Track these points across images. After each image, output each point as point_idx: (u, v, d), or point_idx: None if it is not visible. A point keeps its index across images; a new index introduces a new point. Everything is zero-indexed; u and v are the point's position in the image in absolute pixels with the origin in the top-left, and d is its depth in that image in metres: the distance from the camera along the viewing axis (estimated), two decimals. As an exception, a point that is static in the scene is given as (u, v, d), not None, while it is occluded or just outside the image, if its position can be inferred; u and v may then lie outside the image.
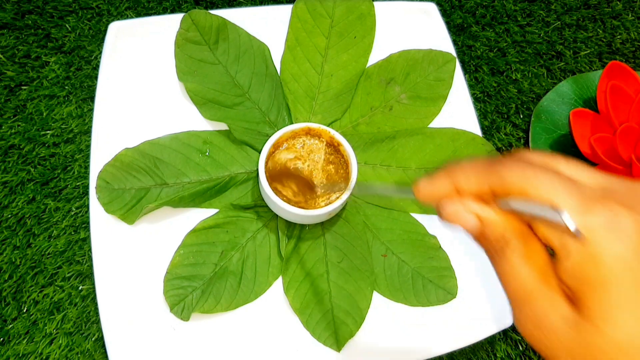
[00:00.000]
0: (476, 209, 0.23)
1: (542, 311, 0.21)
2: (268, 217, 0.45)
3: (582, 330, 0.20)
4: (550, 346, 0.21)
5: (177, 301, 0.42)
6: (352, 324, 0.43)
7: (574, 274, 0.20)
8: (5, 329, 0.45)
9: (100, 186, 0.43)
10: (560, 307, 0.21)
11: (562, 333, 0.20)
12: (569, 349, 0.20)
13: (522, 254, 0.22)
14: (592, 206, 0.20)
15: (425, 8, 0.52)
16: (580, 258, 0.20)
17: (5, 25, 0.53)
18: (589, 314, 0.20)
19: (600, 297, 0.20)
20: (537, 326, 0.21)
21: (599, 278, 0.20)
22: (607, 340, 0.19)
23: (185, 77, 0.46)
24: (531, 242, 0.22)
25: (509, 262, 0.22)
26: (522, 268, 0.22)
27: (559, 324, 0.21)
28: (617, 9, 0.62)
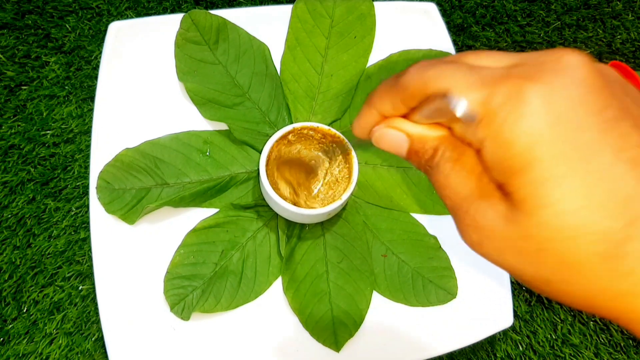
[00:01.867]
0: (401, 125, 0.22)
1: (479, 214, 0.20)
2: (268, 216, 0.45)
3: (517, 222, 0.18)
4: (494, 249, 0.20)
5: (178, 301, 0.42)
6: (351, 324, 0.43)
7: (495, 166, 0.19)
8: (5, 329, 0.45)
9: (101, 186, 0.43)
10: (496, 206, 0.19)
11: (501, 231, 0.19)
12: (512, 247, 0.19)
13: (451, 160, 0.21)
14: (491, 87, 0.18)
15: (425, 8, 0.52)
16: (493, 146, 0.19)
17: (5, 25, 0.53)
18: (518, 204, 0.18)
19: (521, 180, 0.18)
20: (478, 231, 0.20)
21: (516, 161, 0.18)
22: (542, 225, 0.18)
23: (185, 77, 0.46)
24: (459, 147, 0.21)
25: (441, 172, 0.21)
26: (454, 175, 0.21)
27: (497, 223, 0.19)
28: (617, 9, 0.62)
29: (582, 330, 0.51)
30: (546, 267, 0.18)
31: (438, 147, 0.21)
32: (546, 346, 0.50)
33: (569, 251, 0.18)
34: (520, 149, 0.18)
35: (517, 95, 0.18)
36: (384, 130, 0.23)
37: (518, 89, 0.18)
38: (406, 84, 0.21)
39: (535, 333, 0.50)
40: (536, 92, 0.18)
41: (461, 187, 0.21)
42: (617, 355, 0.50)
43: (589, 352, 0.50)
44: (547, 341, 0.50)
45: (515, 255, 0.19)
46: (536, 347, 0.50)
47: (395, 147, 0.23)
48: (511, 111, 0.18)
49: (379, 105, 0.23)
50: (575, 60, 0.18)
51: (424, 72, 0.20)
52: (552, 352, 0.50)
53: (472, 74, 0.19)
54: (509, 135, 0.18)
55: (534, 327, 0.50)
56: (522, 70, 0.19)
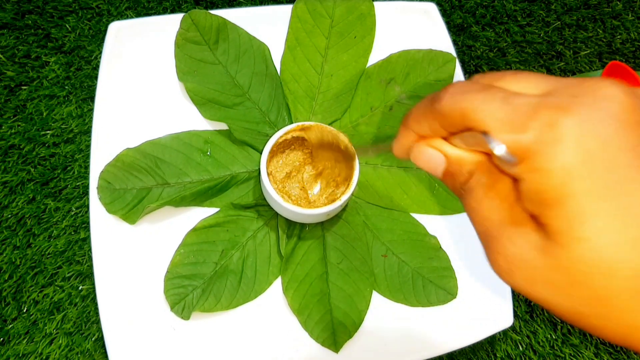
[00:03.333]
0: (440, 146, 0.22)
1: (511, 243, 0.20)
2: (268, 215, 0.45)
3: (551, 253, 0.19)
4: (525, 279, 0.20)
5: (178, 300, 0.42)
6: (350, 325, 0.43)
7: (531, 197, 0.19)
8: (5, 329, 0.45)
9: (102, 186, 0.43)
10: (529, 236, 0.19)
11: (533, 262, 0.19)
12: (543, 277, 0.19)
13: (486, 187, 0.21)
14: (525, 122, 0.18)
15: (425, 8, 0.52)
16: (530, 179, 0.19)
17: (5, 25, 0.53)
18: (553, 235, 0.18)
19: (558, 214, 0.18)
20: (509, 260, 0.20)
21: (553, 195, 0.18)
22: (576, 258, 0.18)
23: (185, 77, 0.46)
24: (495, 175, 0.21)
25: (474, 197, 0.21)
26: (487, 202, 0.21)
27: (529, 253, 0.19)
28: (617, 9, 0.62)
29: (582, 331, 0.51)
30: (580, 301, 0.19)
31: (474, 171, 0.21)
32: (546, 346, 0.50)
33: (604, 286, 0.18)
34: (555, 182, 0.18)
35: (551, 129, 0.18)
36: (423, 148, 0.23)
37: (553, 123, 0.18)
38: (443, 111, 0.21)
39: (535, 333, 0.50)
40: (571, 126, 0.18)
41: (494, 214, 0.21)
42: (617, 355, 0.50)
43: (589, 352, 0.50)
44: (547, 341, 0.50)
45: (547, 287, 0.19)
46: (536, 347, 0.50)
47: (431, 166, 0.23)
48: (546, 146, 0.18)
49: (416, 127, 0.23)
50: (611, 93, 0.18)
51: (459, 102, 0.20)
52: (552, 352, 0.50)
53: (505, 107, 0.19)
54: (545, 169, 0.18)
55: (534, 327, 0.50)
56: (557, 101, 0.19)
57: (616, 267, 0.17)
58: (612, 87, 0.19)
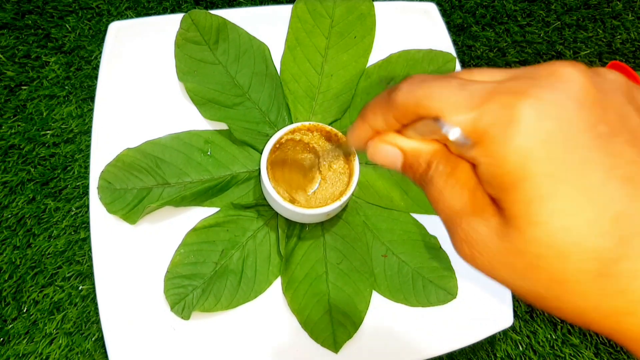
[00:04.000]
0: (394, 140, 0.22)
1: (472, 228, 0.20)
2: (268, 215, 0.45)
3: (510, 238, 0.18)
4: (487, 263, 0.20)
5: (178, 300, 0.42)
6: (350, 325, 0.43)
7: (489, 181, 0.19)
8: (5, 329, 0.45)
9: (102, 186, 0.43)
10: (488, 221, 0.19)
11: (494, 246, 0.19)
12: (504, 262, 0.19)
13: (445, 175, 0.21)
14: (481, 106, 0.18)
15: (425, 8, 0.52)
16: (486, 163, 0.19)
17: (5, 25, 0.53)
18: (511, 220, 0.18)
19: (513, 197, 0.18)
20: (471, 245, 0.20)
21: (509, 178, 0.18)
22: (532, 242, 0.18)
23: (185, 77, 0.46)
24: (453, 162, 0.21)
25: (435, 186, 0.21)
26: (448, 189, 0.21)
27: (489, 238, 0.19)
28: (617, 9, 0.62)
29: (582, 330, 0.51)
30: (538, 284, 0.19)
31: (431, 161, 0.21)
32: (546, 346, 0.50)
33: (560, 269, 0.18)
34: (512, 166, 0.18)
35: (507, 112, 0.18)
36: (378, 145, 0.23)
37: (508, 105, 0.18)
38: (397, 102, 0.21)
39: (535, 333, 0.50)
40: (527, 108, 0.17)
41: (455, 201, 0.20)
42: (617, 355, 0.50)
43: (589, 352, 0.50)
44: (547, 341, 0.50)
45: (508, 270, 0.19)
46: (536, 347, 0.50)
47: (389, 162, 0.23)
48: (502, 129, 0.18)
49: (371, 120, 0.23)
50: (569, 73, 0.18)
51: (415, 91, 0.20)
52: (552, 352, 0.50)
53: (461, 92, 0.19)
54: (501, 152, 0.18)
55: (534, 327, 0.50)
56: (514, 84, 0.18)
57: (570, 250, 0.17)
58: (570, 68, 0.19)
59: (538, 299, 0.19)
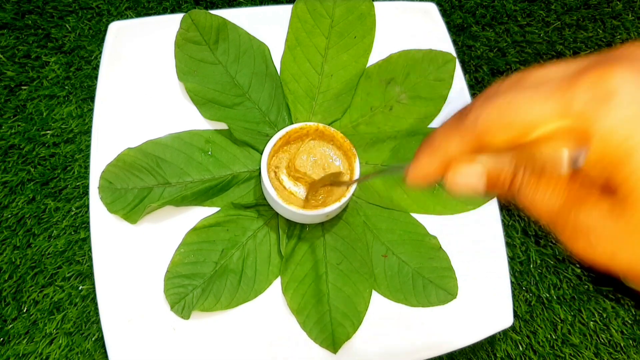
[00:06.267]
0: (476, 165, 0.21)
1: (582, 217, 0.19)
2: (269, 215, 0.45)
3: (629, 214, 0.17)
4: (607, 250, 0.18)
5: (178, 300, 0.42)
6: (349, 326, 0.43)
7: (595, 164, 0.18)
8: (5, 329, 0.45)
9: (103, 186, 0.43)
10: (598, 205, 0.19)
11: (611, 229, 0.18)
12: (626, 242, 0.18)
13: (533, 182, 0.20)
14: (570, 94, 0.17)
15: (425, 8, 0.52)
16: (593, 149, 0.18)
17: (5, 25, 0.53)
18: (625, 195, 0.17)
19: (628, 170, 0.17)
20: (585, 235, 0.19)
21: (616, 154, 0.17)
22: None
23: (185, 77, 0.46)
24: (539, 165, 0.20)
25: (525, 196, 0.20)
26: (540, 193, 0.20)
27: (604, 221, 0.18)
28: (617, 9, 0.62)
29: (582, 330, 0.51)
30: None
31: (515, 172, 0.21)
32: (546, 346, 0.50)
33: None
34: (619, 138, 0.17)
35: (599, 87, 0.17)
36: (459, 168, 0.22)
37: (599, 80, 0.17)
38: (475, 130, 0.20)
39: (535, 333, 0.50)
40: (622, 77, 0.17)
41: (552, 203, 0.20)
42: (617, 355, 0.50)
43: (589, 352, 0.50)
44: (547, 341, 0.50)
45: (632, 252, 0.18)
46: (536, 347, 0.50)
47: (472, 186, 0.22)
48: (599, 108, 0.17)
49: (442, 151, 0.21)
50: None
51: (489, 112, 0.19)
52: (552, 352, 0.50)
53: (547, 97, 0.18)
54: (605, 128, 0.17)
55: (534, 327, 0.50)
56: (595, 63, 0.18)
57: None
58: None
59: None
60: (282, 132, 0.43)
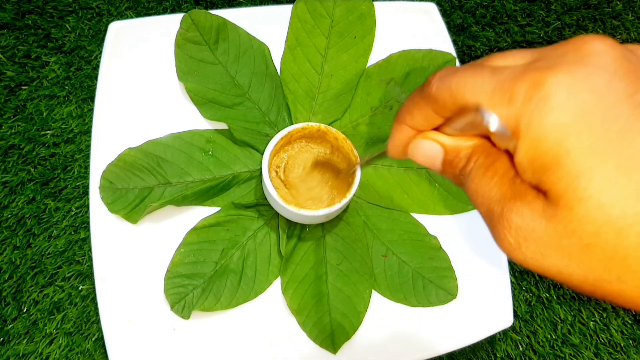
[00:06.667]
0: (436, 137, 0.22)
1: (516, 215, 0.19)
2: (269, 215, 0.45)
3: (557, 218, 0.18)
4: (535, 251, 0.18)
5: (178, 299, 0.42)
6: (348, 326, 0.43)
7: (528, 166, 0.18)
8: (5, 329, 0.45)
9: (104, 186, 0.43)
10: (532, 205, 0.18)
11: (541, 230, 0.18)
12: (555, 246, 0.18)
13: (483, 167, 0.21)
14: (511, 89, 0.18)
15: (425, 8, 0.52)
16: (524, 146, 0.18)
17: (5, 25, 0.53)
18: (556, 200, 0.18)
19: (557, 176, 0.17)
20: (516, 234, 0.19)
21: (549, 157, 0.17)
22: (582, 219, 0.17)
23: (185, 77, 0.46)
24: (492, 154, 0.21)
25: (473, 179, 0.21)
26: (486, 181, 0.20)
27: (535, 222, 0.18)
28: (617, 9, 0.62)
29: (582, 330, 0.51)
30: (596, 266, 0.17)
31: (472, 155, 0.21)
32: (546, 346, 0.50)
33: (615, 244, 0.17)
34: (549, 144, 0.17)
35: (537, 90, 0.17)
36: (419, 142, 0.23)
37: (537, 83, 0.17)
38: (433, 95, 0.21)
39: (535, 333, 0.50)
40: (558, 83, 0.17)
41: (494, 192, 0.20)
42: (617, 355, 0.50)
43: (589, 352, 0.50)
44: (547, 341, 0.50)
45: (560, 256, 0.18)
46: (536, 347, 0.50)
47: (429, 159, 0.23)
48: (534, 110, 0.17)
49: (409, 120, 0.23)
50: (598, 46, 0.18)
51: (448, 82, 0.20)
52: (552, 352, 0.50)
53: (492, 79, 0.19)
54: (537, 132, 0.17)
55: (534, 327, 0.50)
56: (542, 63, 0.18)
57: (625, 223, 0.16)
58: (597, 41, 0.18)
59: (597, 284, 0.18)
60: (284, 132, 0.43)
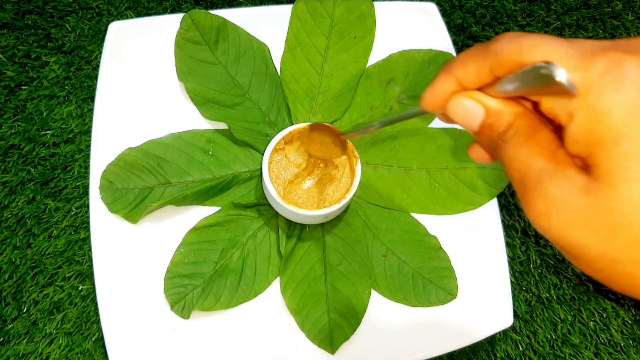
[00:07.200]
0: (480, 97, 0.22)
1: (554, 184, 0.19)
2: (269, 215, 0.46)
3: (597, 194, 0.18)
4: (563, 221, 0.19)
5: (178, 299, 0.42)
6: (347, 327, 0.43)
7: (582, 137, 0.19)
8: (5, 329, 0.45)
9: (104, 186, 0.43)
10: (573, 178, 0.19)
11: (576, 203, 0.19)
12: (584, 219, 0.18)
13: (526, 135, 0.21)
14: (591, 58, 0.18)
15: (425, 8, 0.52)
16: (585, 117, 0.18)
17: (5, 25, 0.53)
18: (602, 175, 0.18)
19: (611, 152, 0.18)
20: (549, 202, 0.19)
21: (608, 132, 0.18)
22: (625, 198, 0.17)
23: (185, 77, 0.46)
24: (535, 123, 0.21)
25: (512, 146, 0.21)
26: (527, 149, 0.21)
27: (572, 194, 0.19)
28: (617, 9, 0.62)
29: (582, 330, 0.51)
30: (619, 245, 0.18)
31: (514, 122, 0.21)
32: (546, 346, 0.50)
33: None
34: (613, 120, 0.18)
35: (616, 67, 0.18)
36: (462, 99, 0.23)
37: (618, 61, 0.18)
38: (498, 50, 0.21)
39: (535, 333, 0.50)
40: (635, 66, 0.18)
41: (534, 160, 0.20)
42: (617, 355, 0.50)
43: (589, 352, 0.50)
44: (547, 341, 0.50)
45: (586, 229, 0.18)
46: (536, 347, 0.50)
47: (468, 119, 0.23)
48: (609, 83, 0.18)
49: (460, 72, 0.22)
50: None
51: (520, 40, 0.20)
52: (552, 352, 0.50)
53: (570, 45, 0.19)
54: (604, 106, 0.18)
55: (534, 327, 0.50)
56: (622, 45, 0.19)
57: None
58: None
59: (611, 264, 0.18)
60: (285, 132, 0.43)
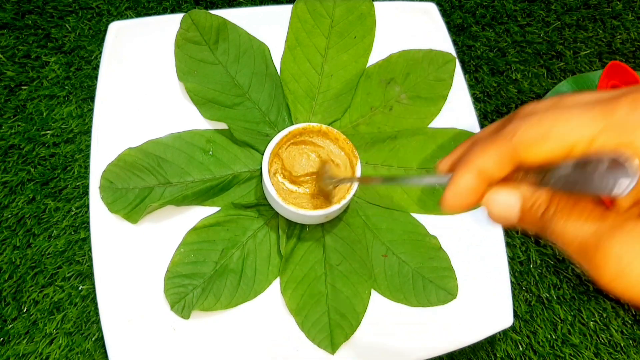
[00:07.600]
0: (510, 188, 0.21)
1: (617, 244, 0.18)
2: (269, 215, 0.45)
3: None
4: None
5: (178, 299, 0.42)
6: (347, 327, 0.43)
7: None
8: (5, 329, 0.45)
9: (104, 186, 0.43)
10: (635, 230, 0.18)
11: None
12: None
13: (567, 208, 0.20)
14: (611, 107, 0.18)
15: (425, 8, 0.52)
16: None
17: (5, 25, 0.53)
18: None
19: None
20: (617, 261, 0.18)
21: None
22: None
23: (185, 77, 0.46)
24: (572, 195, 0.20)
25: (558, 222, 0.20)
26: (572, 220, 0.20)
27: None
28: (617, 9, 0.62)
29: (582, 330, 0.51)
30: None
31: (551, 199, 0.21)
32: (546, 346, 0.50)
33: None
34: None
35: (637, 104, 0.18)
36: (498, 192, 0.21)
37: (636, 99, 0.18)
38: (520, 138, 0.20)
39: (535, 333, 0.50)
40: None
41: (585, 229, 0.20)
42: (617, 355, 0.50)
43: (589, 352, 0.50)
44: (547, 341, 0.50)
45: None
46: (536, 347, 0.50)
47: (508, 213, 0.21)
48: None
49: (481, 163, 0.21)
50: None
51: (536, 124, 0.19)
52: (552, 352, 0.50)
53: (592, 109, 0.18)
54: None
55: (534, 327, 0.50)
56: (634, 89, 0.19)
57: None
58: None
59: None
60: (285, 132, 0.43)
